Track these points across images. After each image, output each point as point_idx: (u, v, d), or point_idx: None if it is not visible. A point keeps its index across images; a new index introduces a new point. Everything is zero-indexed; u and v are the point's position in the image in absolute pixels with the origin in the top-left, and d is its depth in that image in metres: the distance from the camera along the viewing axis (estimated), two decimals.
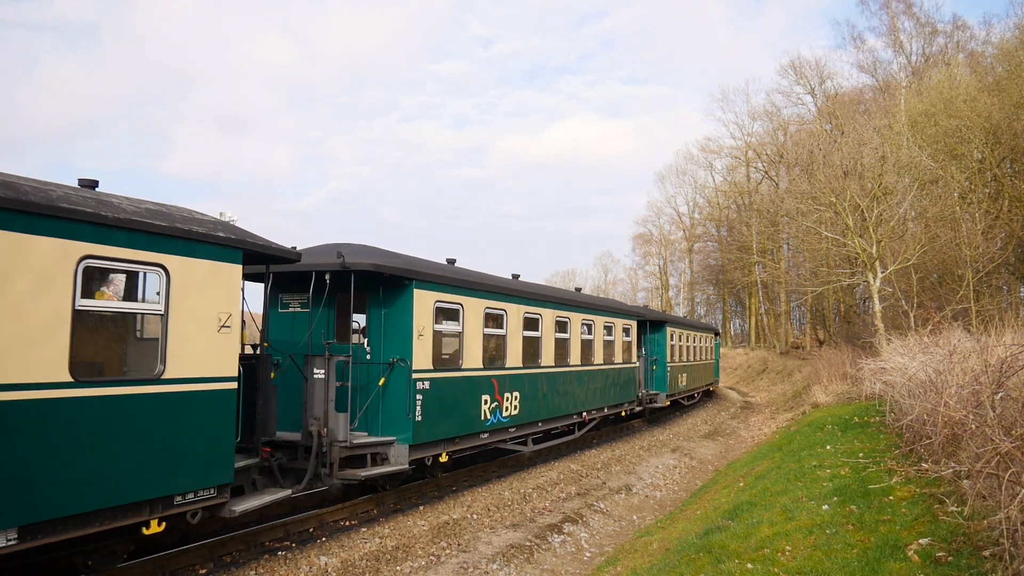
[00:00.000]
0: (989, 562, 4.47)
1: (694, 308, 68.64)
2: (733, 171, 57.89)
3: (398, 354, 9.99)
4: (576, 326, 15.66)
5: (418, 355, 10.09)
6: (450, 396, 10.88)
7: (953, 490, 6.09)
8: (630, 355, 19.43)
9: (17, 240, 5.32)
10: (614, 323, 18.10)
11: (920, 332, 16.24)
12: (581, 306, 16.14)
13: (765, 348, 52.99)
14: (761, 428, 22.10)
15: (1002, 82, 26.30)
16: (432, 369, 10.39)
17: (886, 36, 40.69)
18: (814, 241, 25.08)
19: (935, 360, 9.45)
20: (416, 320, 10.09)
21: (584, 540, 9.69)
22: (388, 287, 10.18)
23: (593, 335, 16.62)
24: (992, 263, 22.75)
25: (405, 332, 10.04)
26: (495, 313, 12.37)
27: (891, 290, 22.25)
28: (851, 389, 18.02)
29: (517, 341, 13.00)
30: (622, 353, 18.61)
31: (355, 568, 7.79)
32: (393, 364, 9.94)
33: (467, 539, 9.15)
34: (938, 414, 7.16)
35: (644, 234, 72.39)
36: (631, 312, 20.24)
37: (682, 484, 14.06)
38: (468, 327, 11.41)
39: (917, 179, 23.12)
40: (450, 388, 10.90)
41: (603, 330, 17.33)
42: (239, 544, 8.10)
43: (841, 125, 30.41)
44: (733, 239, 53.50)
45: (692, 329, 27.85)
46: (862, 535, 5.80)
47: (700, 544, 6.97)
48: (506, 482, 12.76)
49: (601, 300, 18.65)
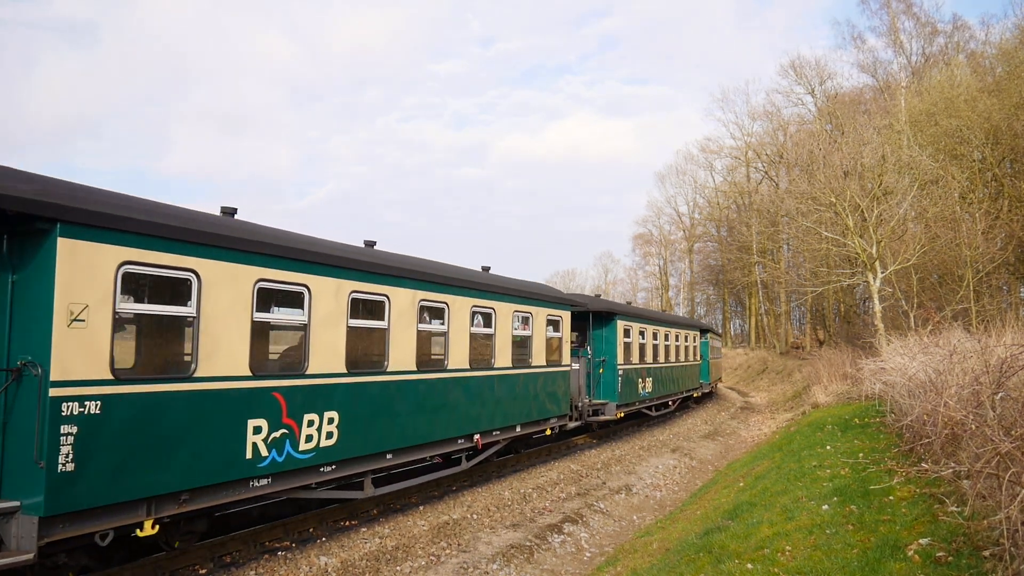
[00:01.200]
0: (989, 562, 4.47)
1: (694, 308, 68.70)
2: (733, 171, 57.98)
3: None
4: (462, 315, 11.38)
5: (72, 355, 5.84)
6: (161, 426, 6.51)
7: (953, 490, 6.09)
8: (559, 355, 15.21)
9: None
10: (532, 313, 13.84)
11: (920, 332, 16.25)
12: (473, 288, 11.78)
13: (765, 348, 53.02)
14: (761, 428, 22.11)
15: (1002, 82, 26.34)
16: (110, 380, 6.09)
17: (886, 36, 40.79)
18: (814, 241, 25.07)
19: (935, 360, 9.45)
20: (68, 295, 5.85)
21: (584, 540, 9.69)
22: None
23: (494, 328, 12.40)
24: (992, 263, 22.77)
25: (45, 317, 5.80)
26: (288, 290, 8.17)
27: (891, 290, 22.26)
28: (851, 389, 18.03)
29: (335, 335, 8.63)
30: (545, 353, 14.36)
31: (355, 568, 7.79)
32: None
33: (467, 539, 9.15)
34: (938, 414, 7.16)
35: (644, 234, 72.55)
36: (561, 300, 15.69)
37: (682, 484, 14.07)
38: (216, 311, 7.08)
39: (917, 179, 23.13)
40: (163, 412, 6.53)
41: (514, 322, 13.20)
42: (239, 544, 8.10)
43: (841, 125, 30.40)
44: (733, 239, 53.54)
45: (661, 324, 23.01)
46: (862, 535, 5.80)
47: (700, 544, 6.97)
48: (506, 482, 12.76)
49: (511, 282, 13.73)
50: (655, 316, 23.71)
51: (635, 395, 19.46)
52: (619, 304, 21.23)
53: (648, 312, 24.60)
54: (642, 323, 20.62)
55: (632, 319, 19.81)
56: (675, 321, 26.26)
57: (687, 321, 30.10)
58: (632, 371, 19.28)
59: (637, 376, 19.69)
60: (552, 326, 14.79)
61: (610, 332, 18.21)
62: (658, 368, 21.88)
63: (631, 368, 19.19)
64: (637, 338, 19.94)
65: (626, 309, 20.68)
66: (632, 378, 19.27)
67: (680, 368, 24.96)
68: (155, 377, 6.65)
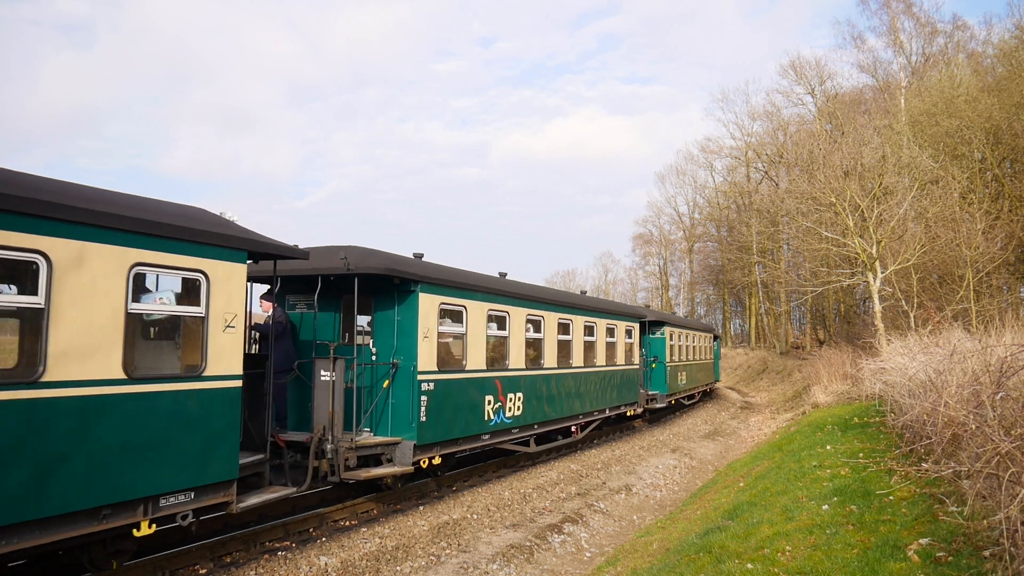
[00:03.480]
0: (989, 562, 4.46)
1: (694, 308, 68.67)
2: (733, 171, 57.94)
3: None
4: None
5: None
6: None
7: (953, 490, 6.08)
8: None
9: None
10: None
11: (920, 332, 16.25)
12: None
13: (765, 348, 53.01)
14: (761, 428, 22.10)
15: (1002, 82, 26.32)
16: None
17: (886, 36, 40.77)
18: (814, 241, 25.05)
19: (935, 360, 9.45)
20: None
21: (584, 540, 9.68)
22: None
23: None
24: (992, 263, 22.75)
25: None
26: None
27: (891, 290, 22.24)
28: (851, 389, 18.03)
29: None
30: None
31: (355, 568, 7.79)
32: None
33: (467, 539, 9.15)
34: (938, 414, 7.16)
35: (644, 234, 72.50)
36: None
37: (682, 484, 14.06)
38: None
39: (917, 179, 23.12)
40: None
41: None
42: (239, 544, 8.10)
43: (841, 125, 30.40)
44: (733, 239, 53.53)
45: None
46: (862, 535, 5.80)
47: (700, 544, 6.97)
48: (506, 482, 12.76)
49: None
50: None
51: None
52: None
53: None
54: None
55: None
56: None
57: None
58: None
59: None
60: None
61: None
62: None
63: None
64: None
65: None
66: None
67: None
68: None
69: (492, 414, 12.10)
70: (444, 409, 10.65)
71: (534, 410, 13.60)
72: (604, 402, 17.24)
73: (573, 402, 15.43)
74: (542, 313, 14.15)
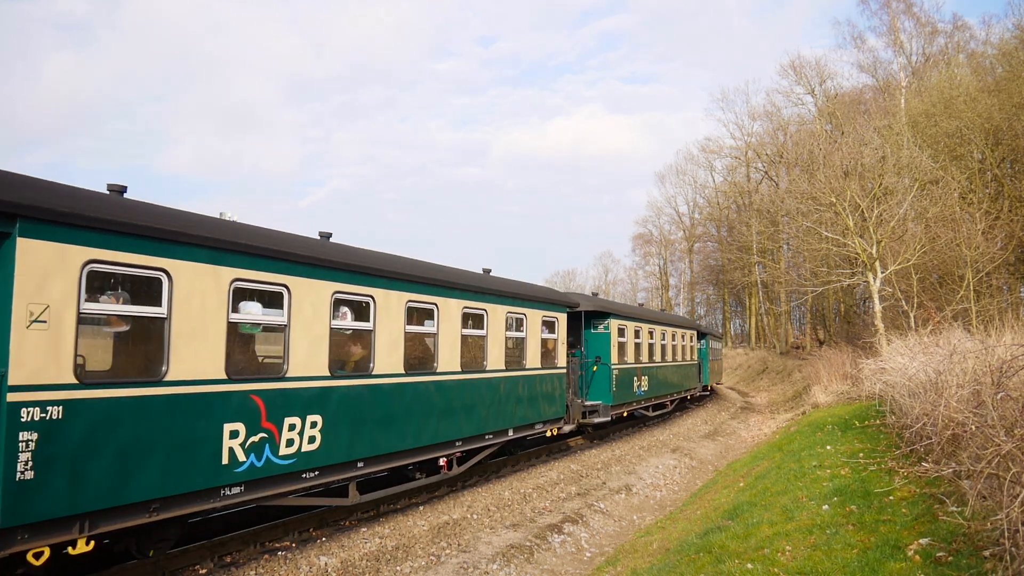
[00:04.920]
0: (989, 562, 4.46)
1: (694, 308, 68.72)
2: (733, 171, 57.98)
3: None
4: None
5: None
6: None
7: (953, 490, 6.08)
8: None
9: None
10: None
11: (920, 332, 16.25)
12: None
13: (765, 348, 53.03)
14: (761, 428, 22.10)
15: (1002, 82, 26.35)
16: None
17: (886, 36, 40.81)
18: (814, 241, 25.05)
19: (935, 360, 9.45)
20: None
21: (584, 540, 9.68)
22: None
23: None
24: (992, 263, 22.74)
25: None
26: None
27: (891, 290, 22.24)
28: (851, 389, 18.03)
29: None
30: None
31: (355, 568, 7.79)
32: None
33: (467, 539, 9.15)
34: (938, 414, 7.16)
35: (644, 234, 72.55)
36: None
37: (682, 484, 14.06)
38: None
39: (917, 179, 23.12)
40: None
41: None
42: (239, 544, 8.10)
43: (841, 125, 30.42)
44: (733, 239, 53.54)
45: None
46: (862, 535, 5.80)
47: (700, 544, 6.97)
48: (506, 482, 12.76)
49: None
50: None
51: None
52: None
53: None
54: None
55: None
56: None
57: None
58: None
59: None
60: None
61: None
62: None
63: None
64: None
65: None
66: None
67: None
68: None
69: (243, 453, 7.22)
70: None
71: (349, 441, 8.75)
72: (502, 421, 12.54)
73: (440, 424, 10.66)
74: (371, 291, 9.33)
